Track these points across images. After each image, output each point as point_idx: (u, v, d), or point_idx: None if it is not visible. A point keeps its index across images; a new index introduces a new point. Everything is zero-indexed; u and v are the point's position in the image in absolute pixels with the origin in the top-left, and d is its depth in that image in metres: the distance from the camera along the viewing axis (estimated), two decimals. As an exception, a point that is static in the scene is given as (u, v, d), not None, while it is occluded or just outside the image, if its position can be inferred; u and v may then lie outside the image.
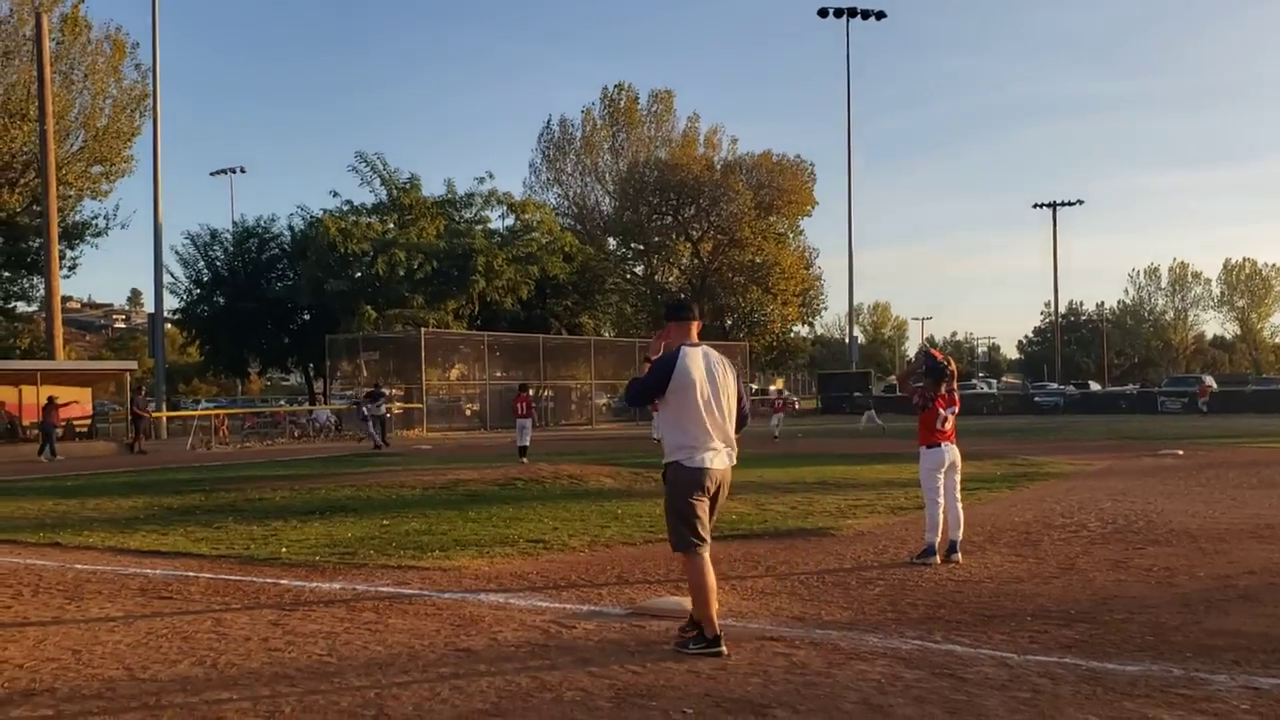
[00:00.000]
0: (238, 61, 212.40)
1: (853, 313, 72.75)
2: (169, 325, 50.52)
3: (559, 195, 63.49)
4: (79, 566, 8.97)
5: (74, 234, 43.11)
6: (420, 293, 43.51)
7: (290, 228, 51.28)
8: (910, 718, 4.47)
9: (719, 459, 5.74)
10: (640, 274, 63.40)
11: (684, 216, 58.94)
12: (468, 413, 44.38)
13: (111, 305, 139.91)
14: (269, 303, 48.56)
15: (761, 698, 4.74)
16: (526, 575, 8.12)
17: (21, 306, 44.55)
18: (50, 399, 27.43)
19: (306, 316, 49.58)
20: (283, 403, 55.77)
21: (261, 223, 52.06)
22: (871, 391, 57.00)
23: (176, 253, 51.30)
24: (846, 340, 70.97)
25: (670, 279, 63.73)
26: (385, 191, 47.48)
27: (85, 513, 13.23)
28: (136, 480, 18.48)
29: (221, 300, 49.75)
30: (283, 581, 7.98)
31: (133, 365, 38.87)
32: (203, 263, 50.68)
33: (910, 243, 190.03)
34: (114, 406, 37.11)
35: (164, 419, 37.80)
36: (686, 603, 6.62)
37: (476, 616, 6.57)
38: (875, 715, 4.50)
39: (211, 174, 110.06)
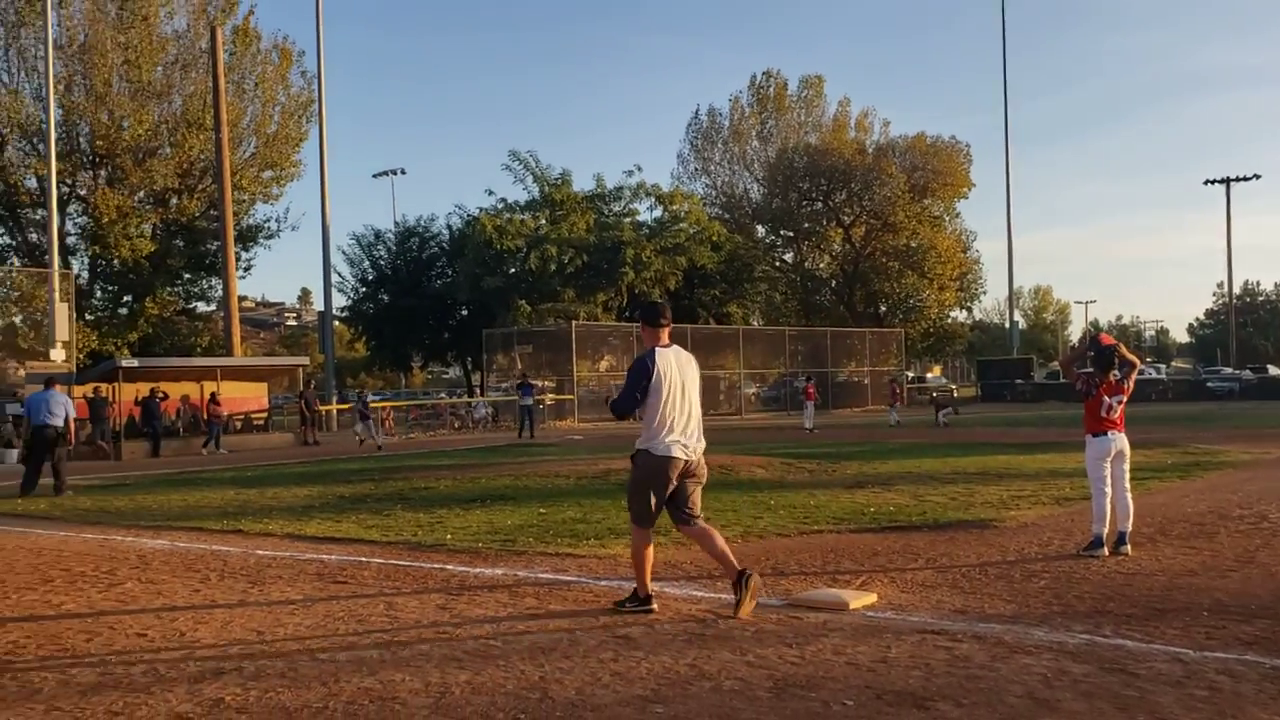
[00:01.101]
0: (396, 66, 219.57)
1: (1013, 296, 70.62)
2: (337, 322, 52.67)
3: (707, 185, 63.51)
4: (260, 552, 9.48)
5: (248, 237, 45.33)
6: (571, 286, 44.22)
7: (448, 226, 52.90)
8: (1079, 713, 4.35)
9: (685, 449, 6.43)
10: (790, 261, 62.86)
11: (835, 202, 58.12)
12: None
13: (283, 304, 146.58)
14: (430, 299, 50.18)
15: (924, 690, 4.69)
16: (680, 565, 8.19)
17: (201, 306, 47.13)
18: (212, 395, 28.98)
19: (465, 312, 51.05)
20: (443, 395, 57.56)
21: (421, 222, 53.94)
22: (1033, 378, 55.12)
23: (343, 252, 53.59)
24: (1007, 325, 68.84)
25: (821, 265, 62.99)
26: (537, 188, 48.39)
27: (264, 501, 13.95)
28: (310, 470, 19.38)
29: (385, 297, 51.65)
30: (449, 567, 8.27)
31: (305, 361, 40.79)
32: (367, 262, 52.75)
33: (1072, 224, 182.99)
34: (287, 399, 38.92)
35: (334, 412, 39.46)
36: (845, 595, 6.61)
37: (632, 614, 6.66)
38: (1042, 710, 4.40)
39: (374, 176, 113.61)
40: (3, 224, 42.00)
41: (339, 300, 52.39)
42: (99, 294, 43.02)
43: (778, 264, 61.85)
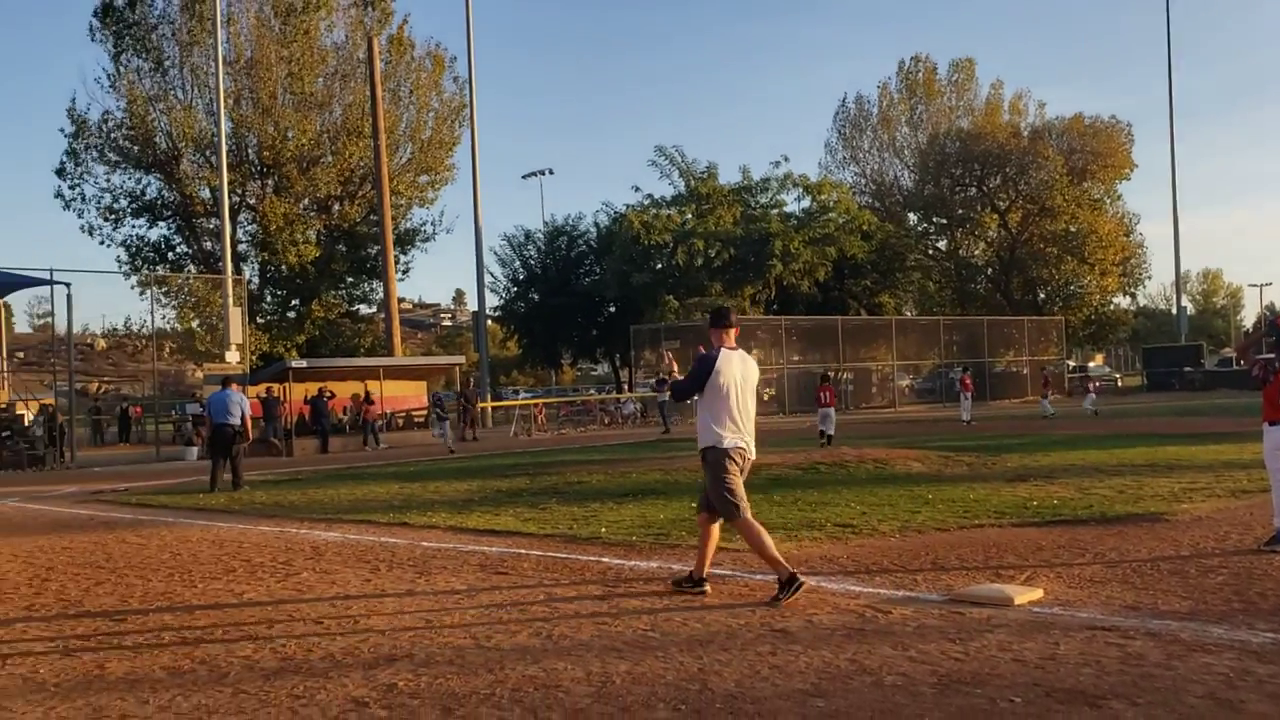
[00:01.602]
0: (542, 66, 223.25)
1: (1180, 281, 67.18)
2: (490, 321, 54.02)
3: (855, 173, 62.63)
4: (425, 544, 9.81)
5: (405, 240, 46.92)
6: (718, 280, 44.23)
7: (596, 224, 53.64)
8: (1266, 715, 4.14)
9: (745, 444, 6.82)
10: (943, 249, 61.39)
11: (989, 187, 56.49)
12: (765, 397, 44.64)
13: (438, 305, 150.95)
14: (578, 297, 50.98)
15: (1095, 689, 4.54)
16: (836, 559, 8.12)
17: (363, 309, 49.02)
18: (366, 394, 30.00)
19: (613, 308, 51.67)
20: (593, 391, 58.39)
21: (570, 221, 54.88)
22: (1204, 365, 52.37)
23: (495, 253, 54.88)
24: (1174, 311, 65.61)
25: (976, 252, 61.28)
26: (684, 183, 48.60)
27: (427, 495, 14.42)
28: (468, 465, 19.93)
29: (536, 296, 52.73)
30: (604, 559, 8.40)
31: (460, 360, 41.95)
32: (518, 262, 53.97)
33: (1244, 203, 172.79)
34: (446, 396, 40.03)
35: (489, 409, 40.46)
36: (1009, 590, 6.44)
37: (790, 599, 6.65)
38: (1225, 711, 4.20)
39: (523, 177, 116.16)
40: (180, 234, 44.59)
41: (491, 300, 53.73)
42: (269, 298, 45.19)
43: (931, 252, 60.51)
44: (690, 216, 46.99)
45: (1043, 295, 57.46)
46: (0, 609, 7.55)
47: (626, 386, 49.22)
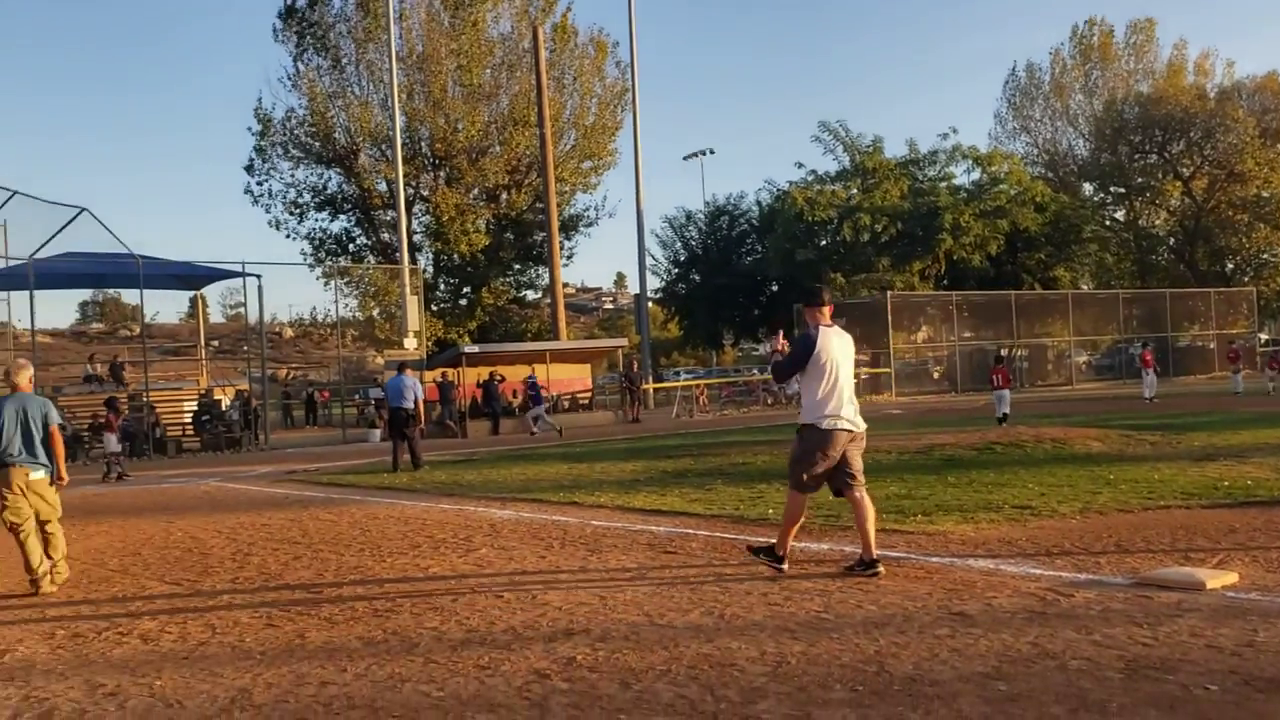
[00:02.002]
0: (702, 45, 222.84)
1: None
2: (651, 303, 54.45)
3: (1027, 143, 60.37)
4: (595, 523, 10.03)
5: (570, 226, 47.76)
6: (885, 255, 43.36)
7: (758, 203, 53.31)
8: None
9: (848, 423, 6.92)
10: (1122, 220, 58.60)
11: (1172, 153, 53.57)
12: (935, 375, 43.63)
13: (600, 288, 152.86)
14: (740, 276, 50.83)
15: (1299, 680, 4.31)
16: (1015, 541, 7.91)
17: (529, 294, 50.16)
18: (491, 374, 30.55)
19: (775, 287, 51.31)
20: (755, 372, 58.14)
21: (731, 200, 54.68)
22: None
23: (656, 235, 55.23)
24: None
25: (1157, 222, 58.29)
26: (848, 158, 47.79)
27: (594, 476, 14.72)
28: (633, 446, 20.20)
29: (697, 277, 52.83)
30: (774, 541, 8.39)
31: (623, 342, 42.45)
32: (679, 243, 54.16)
33: None
34: (609, 379, 40.69)
35: (650, 390, 40.86)
36: (1200, 574, 6.19)
37: (968, 581, 6.53)
38: None
39: (684, 158, 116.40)
40: (360, 226, 46.56)
41: (653, 282, 54.10)
42: (442, 286, 46.75)
43: (1108, 223, 57.80)
44: (855, 192, 46.17)
45: (1231, 265, 54.25)
46: (209, 581, 8.11)
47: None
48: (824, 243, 44.95)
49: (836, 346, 7.03)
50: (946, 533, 8.38)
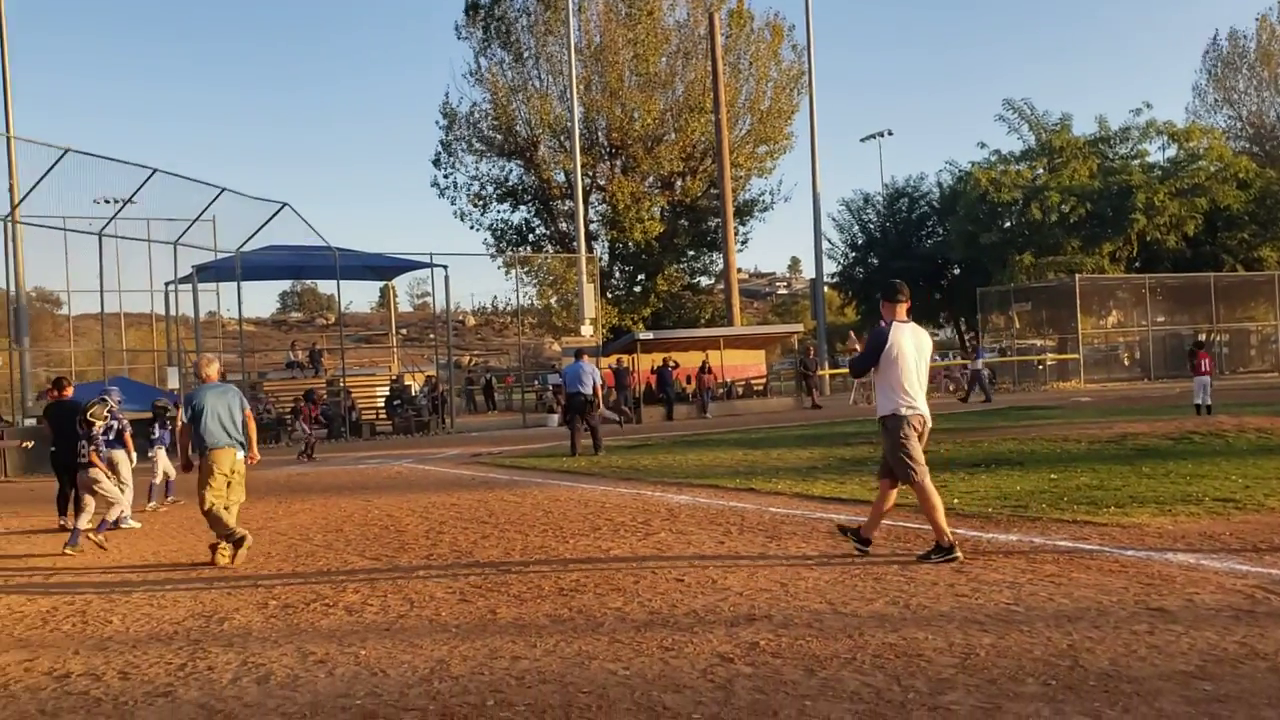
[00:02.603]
0: (880, 23, 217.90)
1: None
2: (827, 288, 53.76)
3: (1229, 117, 56.58)
4: (772, 509, 10.03)
5: (744, 211, 47.63)
6: (1074, 237, 41.53)
7: (939, 184, 51.87)
8: None
9: (921, 412, 7.29)
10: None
11: (1398, 121, 49.29)
12: (1126, 361, 41.59)
13: (774, 273, 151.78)
14: (920, 260, 49.59)
15: None
16: (1217, 536, 7.51)
17: (703, 280, 50.27)
18: (703, 364, 30.64)
19: (957, 271, 49.89)
20: (935, 358, 56.73)
21: (910, 182, 53.41)
22: None
23: (832, 219, 54.46)
24: None
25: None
26: (1034, 137, 45.94)
27: (770, 462, 14.69)
28: (809, 433, 20.05)
29: (875, 261, 51.83)
30: (959, 531, 8.20)
31: (798, 328, 42.14)
32: (856, 226, 53.23)
33: None
34: (784, 365, 40.46)
35: (826, 376, 40.40)
36: None
37: (1166, 576, 6.25)
38: None
39: (861, 140, 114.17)
40: (539, 216, 47.70)
41: (829, 267, 53.38)
42: (617, 274, 47.42)
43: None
44: (1041, 171, 44.35)
45: None
46: (405, 557, 8.52)
47: (973, 353, 47.44)
48: (1008, 224, 43.39)
49: (909, 341, 7.35)
50: (1142, 525, 8.02)
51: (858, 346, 7.69)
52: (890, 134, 71.28)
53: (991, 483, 10.95)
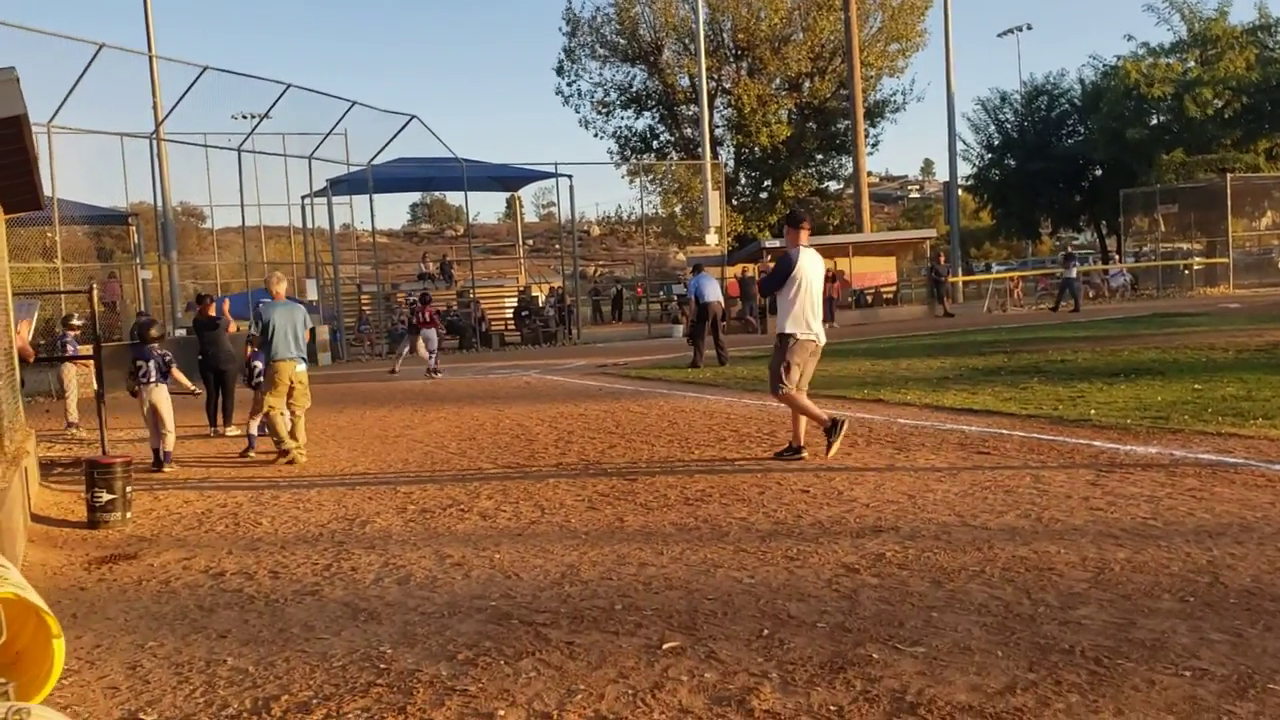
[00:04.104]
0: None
1: None
2: (961, 191, 52.09)
3: None
4: (901, 421, 9.92)
5: (875, 113, 46.28)
6: (1229, 133, 39.18)
7: (1080, 80, 49.33)
8: None
9: (817, 331, 8.27)
10: None
11: None
12: (1280, 266, 39.36)
13: (905, 176, 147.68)
14: (1059, 160, 47.52)
15: None
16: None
17: (832, 186, 49.29)
18: (828, 271, 30.11)
19: (1099, 171, 47.68)
20: (1084, 262, 54.75)
21: (1050, 79, 50.93)
22: None
23: (967, 119, 52.39)
24: None
25: None
26: (1185, 28, 43.20)
27: (900, 372, 14.48)
28: (940, 342, 19.67)
29: (1012, 163, 49.88)
30: (1095, 443, 8.01)
31: (931, 233, 41.08)
32: (993, 127, 51.15)
33: None
34: (920, 271, 39.56)
35: (960, 283, 39.41)
36: None
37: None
38: None
39: (998, 35, 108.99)
40: (663, 122, 47.26)
41: (963, 169, 51.63)
42: (743, 180, 46.87)
43: None
44: (1193, 64, 41.78)
45: None
46: (535, 465, 8.75)
47: (1116, 257, 45.49)
48: (1156, 121, 41.15)
49: (811, 268, 8.20)
50: (1295, 439, 7.67)
51: (770, 267, 8.53)
52: (1029, 28, 68.11)
53: (1131, 393, 10.58)
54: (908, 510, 6.20)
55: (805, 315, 8.17)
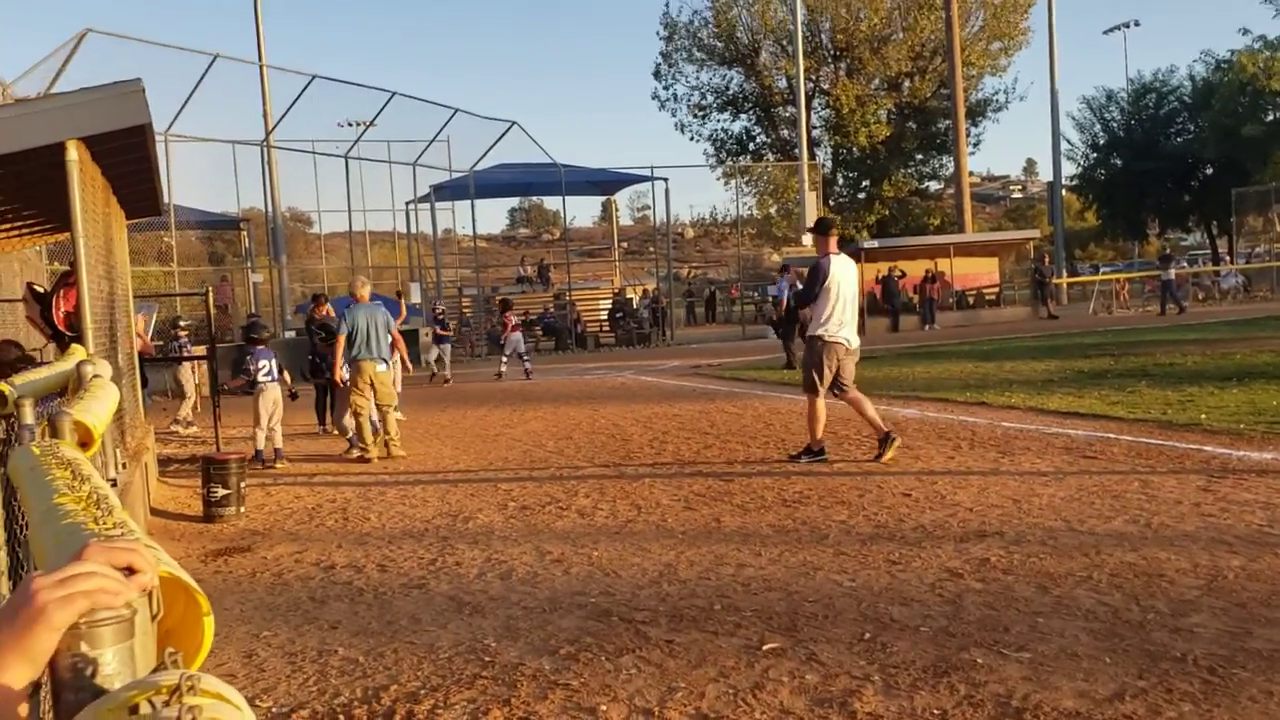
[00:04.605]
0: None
1: None
2: (1065, 191, 50.84)
3: None
4: (1005, 424, 9.74)
5: (976, 112, 45.41)
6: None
7: (1190, 77, 47.79)
8: None
9: (852, 338, 8.39)
10: None
11: None
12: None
13: (1008, 176, 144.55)
14: (1167, 159, 46.14)
15: None
16: None
17: (932, 185, 48.50)
18: (929, 273, 29.61)
19: (1209, 170, 46.12)
20: (1183, 264, 52.97)
21: (1159, 76, 49.45)
22: None
23: (1072, 118, 51.17)
24: None
25: None
26: (1307, 17, 41.55)
27: (1003, 375, 14.21)
28: (1045, 344, 19.24)
29: (1118, 162, 48.60)
30: (1206, 448, 7.77)
31: (1035, 234, 40.14)
32: (1098, 126, 49.92)
33: None
34: (1024, 272, 38.70)
35: (1064, 285, 38.47)
36: None
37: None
38: None
39: (1104, 33, 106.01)
40: (760, 124, 47.09)
41: (1067, 169, 50.43)
42: (840, 181, 46.41)
43: None
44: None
45: None
46: (631, 465, 8.81)
47: (1226, 258, 43.93)
48: (1271, 117, 39.62)
49: (842, 272, 8.35)
50: None
51: (794, 278, 8.56)
52: (1136, 25, 65.98)
53: (1244, 397, 10.23)
54: (1012, 515, 6.10)
55: (836, 319, 8.31)
